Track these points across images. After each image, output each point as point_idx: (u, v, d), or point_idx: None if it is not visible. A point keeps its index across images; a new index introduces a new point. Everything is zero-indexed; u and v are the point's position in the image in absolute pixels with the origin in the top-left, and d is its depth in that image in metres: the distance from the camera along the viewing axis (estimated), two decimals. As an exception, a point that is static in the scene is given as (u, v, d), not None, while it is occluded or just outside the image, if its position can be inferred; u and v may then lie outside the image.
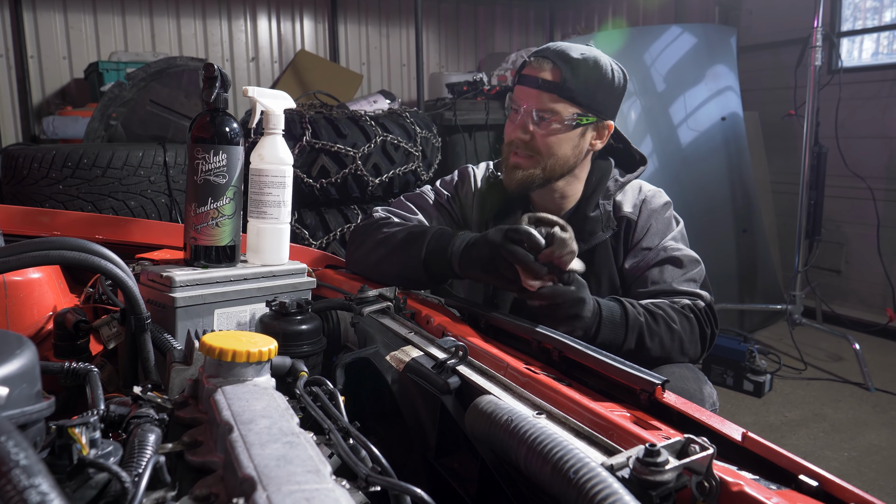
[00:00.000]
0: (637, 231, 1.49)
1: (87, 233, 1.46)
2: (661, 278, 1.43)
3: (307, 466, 0.52)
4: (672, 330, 1.30)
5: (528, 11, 6.28)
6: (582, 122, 1.45)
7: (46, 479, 0.37)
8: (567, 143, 1.46)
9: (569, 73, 1.41)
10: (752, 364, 3.24)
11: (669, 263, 1.44)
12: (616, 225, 1.50)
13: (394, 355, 1.01)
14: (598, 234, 1.49)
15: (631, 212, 1.50)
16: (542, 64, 1.43)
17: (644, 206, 1.51)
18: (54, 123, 3.62)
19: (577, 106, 1.43)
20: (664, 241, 1.47)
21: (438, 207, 1.63)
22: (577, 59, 1.42)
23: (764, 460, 0.68)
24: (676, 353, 1.32)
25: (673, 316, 1.32)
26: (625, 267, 1.50)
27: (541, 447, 0.64)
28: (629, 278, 1.50)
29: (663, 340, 1.29)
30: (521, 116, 1.46)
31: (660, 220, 1.50)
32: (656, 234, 1.48)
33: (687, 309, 1.35)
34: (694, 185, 3.82)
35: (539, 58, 1.44)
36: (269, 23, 5.08)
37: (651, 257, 1.46)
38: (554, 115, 1.43)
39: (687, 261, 1.45)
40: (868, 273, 4.26)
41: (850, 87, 4.04)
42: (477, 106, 3.89)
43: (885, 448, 2.70)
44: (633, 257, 1.49)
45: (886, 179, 4.12)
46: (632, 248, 1.50)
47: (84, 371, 0.82)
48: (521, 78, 1.47)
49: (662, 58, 3.98)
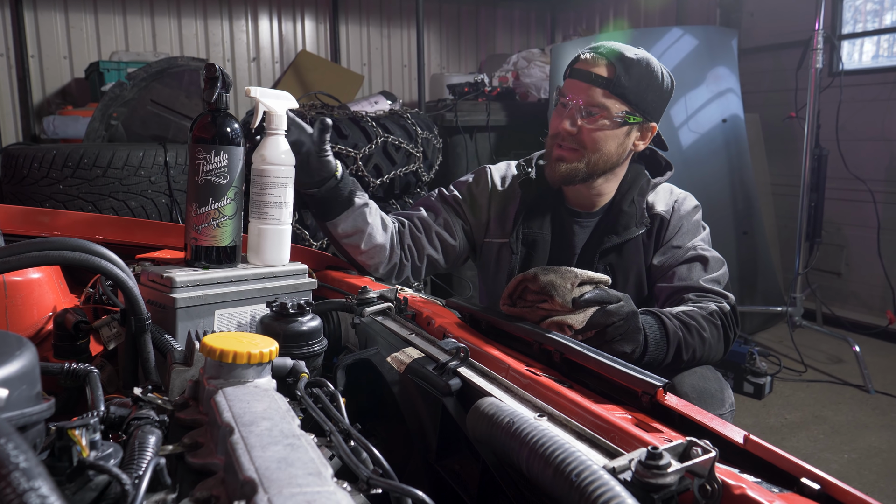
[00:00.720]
0: (669, 230, 1.52)
1: (88, 233, 1.46)
2: (689, 276, 1.45)
3: (308, 469, 0.52)
4: (704, 339, 1.31)
5: (530, 13, 6.28)
6: (629, 121, 1.47)
7: (46, 481, 0.36)
8: (613, 140, 1.47)
9: (622, 71, 1.43)
10: (753, 366, 3.24)
11: (698, 261, 1.47)
12: (649, 222, 1.52)
13: (395, 357, 1.01)
14: (632, 228, 1.51)
15: (664, 210, 1.53)
16: (597, 59, 1.45)
17: (676, 206, 1.54)
18: (55, 123, 3.62)
19: (626, 104, 1.45)
20: (694, 241, 1.50)
21: (443, 202, 1.66)
22: (632, 58, 1.44)
23: (766, 463, 0.68)
24: (705, 360, 1.34)
25: (704, 325, 1.32)
26: (653, 263, 1.52)
27: (543, 449, 0.64)
28: (656, 274, 1.51)
29: (696, 351, 1.30)
30: (570, 109, 1.47)
31: (690, 221, 1.53)
32: (687, 234, 1.51)
33: (715, 315, 1.36)
34: (695, 187, 3.78)
35: (594, 53, 1.46)
36: (271, 23, 5.08)
37: (680, 255, 1.48)
38: (603, 109, 1.44)
39: (714, 262, 1.47)
40: (868, 275, 4.26)
41: (850, 90, 4.04)
42: (478, 107, 3.89)
43: (885, 450, 2.70)
44: (662, 254, 1.51)
45: (887, 182, 4.12)
46: (662, 245, 1.52)
47: (84, 372, 0.81)
48: (573, 72, 1.48)
49: (663, 60, 3.92)
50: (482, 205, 1.65)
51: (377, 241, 1.49)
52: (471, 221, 1.66)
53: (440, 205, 1.65)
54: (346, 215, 1.45)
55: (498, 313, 1.17)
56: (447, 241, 1.63)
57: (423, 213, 1.64)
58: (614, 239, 1.51)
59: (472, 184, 1.67)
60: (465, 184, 1.67)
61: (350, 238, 1.47)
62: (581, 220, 1.60)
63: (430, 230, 1.62)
